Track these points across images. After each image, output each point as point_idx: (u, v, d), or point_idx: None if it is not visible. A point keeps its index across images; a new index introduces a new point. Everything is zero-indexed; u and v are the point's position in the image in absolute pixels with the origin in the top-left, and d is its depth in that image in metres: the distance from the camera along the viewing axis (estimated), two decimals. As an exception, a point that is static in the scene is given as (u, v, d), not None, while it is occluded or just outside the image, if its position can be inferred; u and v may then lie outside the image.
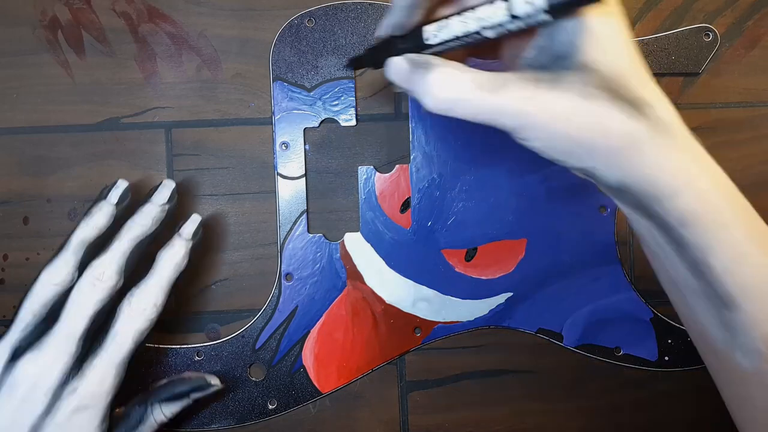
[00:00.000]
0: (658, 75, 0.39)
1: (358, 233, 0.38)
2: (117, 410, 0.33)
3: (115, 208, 0.33)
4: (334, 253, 0.38)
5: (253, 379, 0.38)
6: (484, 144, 0.38)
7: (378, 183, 0.38)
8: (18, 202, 0.38)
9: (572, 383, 0.39)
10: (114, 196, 0.33)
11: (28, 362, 0.30)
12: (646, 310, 0.38)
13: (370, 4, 0.38)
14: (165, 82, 0.38)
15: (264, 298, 0.38)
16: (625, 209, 0.27)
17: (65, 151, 0.38)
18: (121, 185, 0.34)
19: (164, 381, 0.35)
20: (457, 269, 0.38)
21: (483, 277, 0.38)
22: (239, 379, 0.37)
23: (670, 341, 0.38)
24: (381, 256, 0.38)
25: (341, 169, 0.38)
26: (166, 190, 0.34)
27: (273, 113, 0.38)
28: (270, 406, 0.38)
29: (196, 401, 0.34)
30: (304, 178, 0.38)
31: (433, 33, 0.26)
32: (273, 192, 0.38)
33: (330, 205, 0.38)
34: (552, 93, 0.24)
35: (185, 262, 0.34)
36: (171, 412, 0.33)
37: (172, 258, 0.33)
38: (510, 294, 0.38)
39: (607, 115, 0.24)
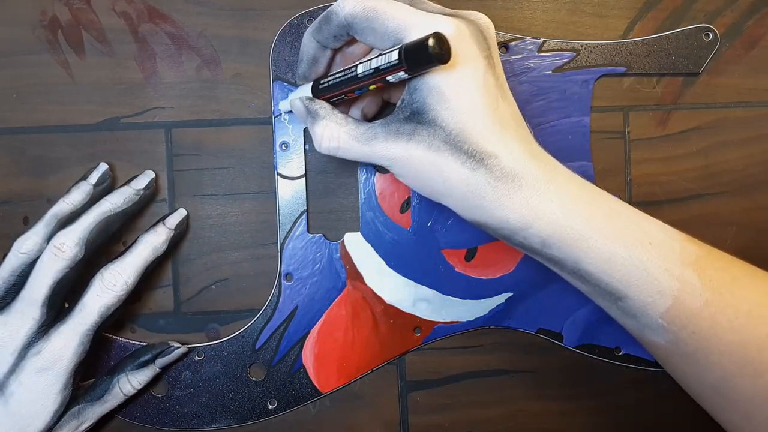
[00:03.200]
0: (658, 75, 0.39)
1: (358, 233, 0.38)
2: (84, 383, 0.35)
3: (92, 188, 0.36)
4: (334, 253, 0.38)
5: (253, 379, 0.38)
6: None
7: (378, 183, 0.38)
8: (18, 202, 0.38)
9: (572, 383, 0.39)
10: (93, 177, 0.36)
11: None
12: (646, 310, 0.38)
13: (370, 4, 0.38)
14: (165, 82, 0.38)
15: (264, 298, 0.38)
16: (498, 238, 0.30)
17: (65, 151, 0.38)
18: (101, 167, 0.36)
19: (130, 352, 0.36)
20: (457, 269, 0.38)
21: (483, 277, 0.38)
22: (239, 379, 0.37)
23: (670, 341, 0.38)
24: (381, 256, 0.38)
25: (341, 169, 0.38)
26: (145, 177, 0.37)
27: (273, 113, 0.38)
28: (270, 406, 0.38)
29: (164, 369, 0.36)
30: (304, 178, 0.38)
31: (323, 81, 0.31)
32: (273, 192, 0.38)
33: (330, 205, 0.38)
34: (408, 144, 0.28)
35: (164, 248, 0.36)
36: (138, 381, 0.35)
37: (152, 241, 0.35)
38: (510, 294, 0.38)
39: (449, 167, 0.28)
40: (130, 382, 0.35)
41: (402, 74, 0.27)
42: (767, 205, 0.39)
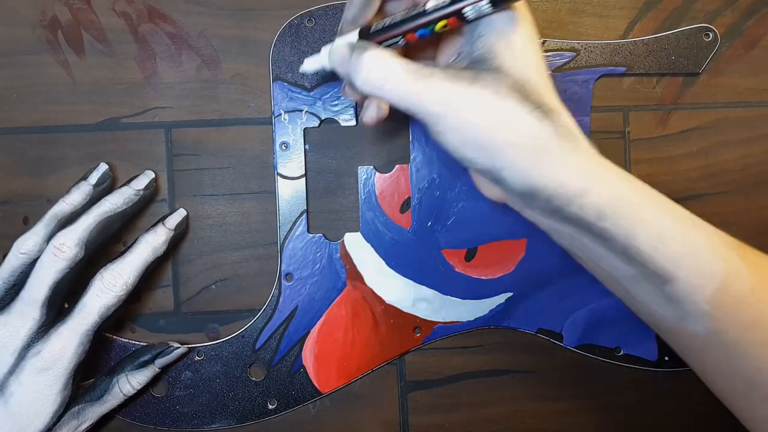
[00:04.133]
0: (658, 75, 0.39)
1: (358, 233, 0.38)
2: (84, 383, 0.35)
3: (92, 188, 0.36)
4: (334, 253, 0.38)
5: (253, 379, 0.38)
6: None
7: (378, 183, 0.38)
8: (18, 202, 0.38)
9: (572, 383, 0.39)
10: (93, 177, 0.36)
11: None
12: (646, 310, 0.38)
13: (370, 4, 0.38)
14: (165, 82, 0.38)
15: (264, 298, 0.38)
16: (541, 220, 0.29)
17: (65, 151, 0.38)
18: (102, 168, 0.36)
19: (130, 352, 0.36)
20: (457, 269, 0.38)
21: (483, 277, 0.38)
22: (239, 379, 0.37)
23: (670, 341, 0.38)
24: (381, 256, 0.38)
25: (341, 169, 0.38)
26: (145, 178, 0.37)
27: (273, 113, 0.38)
28: (270, 406, 0.38)
29: (164, 369, 0.36)
30: (304, 178, 0.38)
31: (377, 24, 0.29)
32: (273, 192, 0.38)
33: (330, 205, 0.38)
34: (470, 88, 0.26)
35: (164, 248, 0.35)
36: (138, 381, 0.35)
37: (152, 241, 0.35)
38: (510, 294, 0.38)
39: (516, 115, 0.26)
40: (130, 382, 0.35)
41: (485, 6, 0.25)
42: (767, 205, 0.39)
